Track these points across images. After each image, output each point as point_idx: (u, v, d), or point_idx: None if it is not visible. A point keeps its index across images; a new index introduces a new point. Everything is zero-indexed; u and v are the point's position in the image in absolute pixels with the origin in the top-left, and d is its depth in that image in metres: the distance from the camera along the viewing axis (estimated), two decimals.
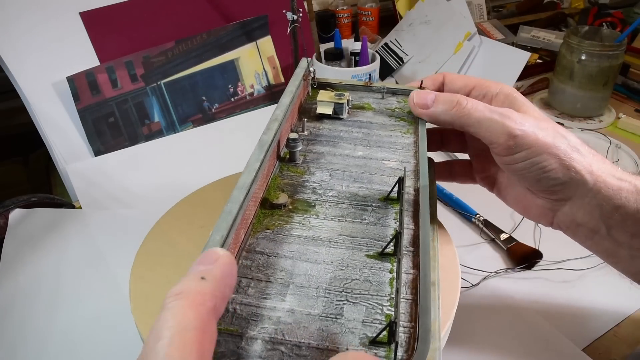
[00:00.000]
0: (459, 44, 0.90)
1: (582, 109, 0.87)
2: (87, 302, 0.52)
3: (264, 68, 0.85)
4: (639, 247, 0.38)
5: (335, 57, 0.84)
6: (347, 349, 0.24)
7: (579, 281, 0.54)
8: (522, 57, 0.84)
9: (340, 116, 0.44)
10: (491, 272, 0.54)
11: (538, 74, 0.95)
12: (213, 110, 0.82)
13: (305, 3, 0.86)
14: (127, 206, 0.66)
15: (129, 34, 0.77)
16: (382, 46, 1.01)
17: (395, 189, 0.34)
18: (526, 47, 0.99)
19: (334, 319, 0.25)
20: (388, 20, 1.12)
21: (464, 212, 0.63)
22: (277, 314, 0.26)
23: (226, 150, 0.74)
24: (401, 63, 0.97)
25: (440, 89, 0.45)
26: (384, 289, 0.27)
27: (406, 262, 0.29)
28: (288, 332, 0.25)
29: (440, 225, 0.41)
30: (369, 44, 0.85)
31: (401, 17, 1.04)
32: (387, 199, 0.34)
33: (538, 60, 0.98)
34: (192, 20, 0.81)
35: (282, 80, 0.87)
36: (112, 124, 0.74)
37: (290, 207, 0.33)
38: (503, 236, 0.58)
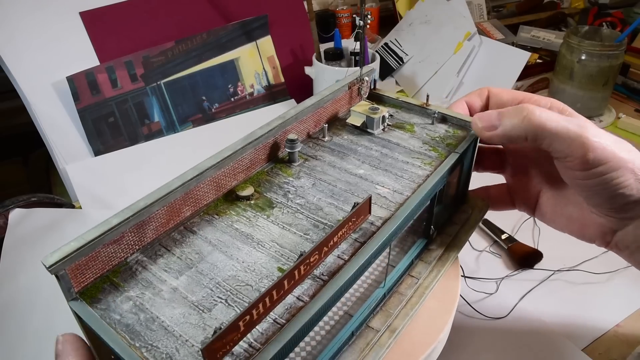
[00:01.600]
0: (459, 44, 0.90)
1: (582, 109, 0.86)
2: None
3: (264, 68, 0.85)
4: None
5: (335, 57, 0.84)
6: (186, 340, 0.25)
7: (579, 281, 0.54)
8: (522, 57, 0.84)
9: (370, 131, 0.41)
10: (498, 278, 0.54)
11: (538, 74, 0.95)
12: (213, 110, 0.82)
13: (305, 3, 0.86)
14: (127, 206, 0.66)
15: (129, 34, 0.77)
16: (382, 46, 1.01)
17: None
18: (526, 47, 0.99)
19: (200, 311, 0.26)
20: (388, 20, 1.12)
21: None
22: (161, 287, 0.27)
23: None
24: (401, 63, 0.97)
25: (487, 104, 0.43)
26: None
27: (306, 288, 0.27)
28: (157, 305, 0.26)
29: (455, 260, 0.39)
30: (369, 43, 0.85)
31: (401, 17, 1.04)
32: None
33: (538, 60, 0.98)
34: (192, 20, 0.81)
35: (282, 80, 0.87)
36: (112, 124, 0.74)
37: (251, 202, 0.33)
38: (503, 236, 0.58)
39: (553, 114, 0.35)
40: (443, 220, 0.41)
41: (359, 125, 0.41)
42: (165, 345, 0.24)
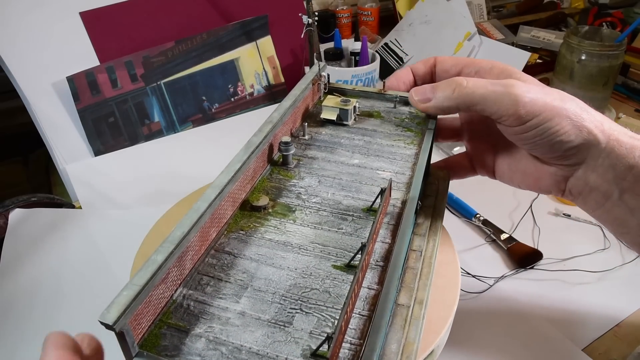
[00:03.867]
0: (459, 44, 0.90)
1: None
2: (87, 302, 0.52)
3: (264, 68, 0.85)
4: None
5: (335, 57, 0.84)
6: (285, 359, 0.23)
7: (579, 281, 0.54)
8: (522, 57, 0.84)
9: (345, 122, 0.43)
10: (496, 277, 0.54)
11: (538, 74, 0.95)
12: (213, 110, 0.82)
13: (305, 3, 0.86)
14: (127, 206, 0.66)
15: (129, 34, 0.77)
16: (382, 46, 1.01)
17: (378, 200, 0.33)
18: (526, 47, 0.99)
19: (282, 327, 0.25)
20: (388, 20, 1.12)
21: (464, 212, 0.63)
22: (227, 315, 0.26)
23: (226, 150, 0.74)
24: (401, 63, 0.97)
25: (433, 71, 0.45)
26: (341, 301, 0.27)
27: (371, 277, 0.28)
28: (233, 334, 0.25)
29: (443, 229, 0.40)
30: (369, 44, 0.85)
31: (401, 17, 1.04)
32: (369, 210, 0.33)
33: (538, 60, 0.98)
34: (192, 20, 0.81)
35: (282, 80, 0.87)
36: (112, 124, 0.74)
37: (270, 210, 0.33)
38: (503, 236, 0.58)
39: (480, 81, 0.37)
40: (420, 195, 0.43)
41: (334, 119, 0.42)
42: None
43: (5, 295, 0.53)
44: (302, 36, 0.68)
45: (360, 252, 0.27)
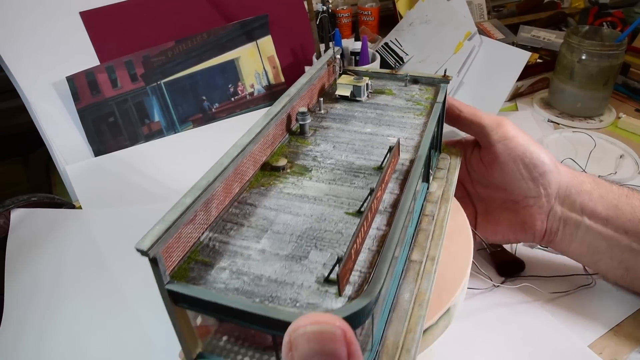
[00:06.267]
0: (459, 44, 0.90)
1: (582, 109, 0.87)
2: (87, 302, 0.52)
3: (264, 68, 0.85)
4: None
5: None
6: (301, 284, 0.26)
7: (578, 282, 0.54)
8: (523, 57, 0.84)
9: (358, 98, 0.46)
10: (494, 285, 0.54)
11: (538, 74, 0.95)
12: (213, 110, 0.82)
13: (305, 3, 0.86)
14: (127, 206, 0.66)
15: (129, 33, 0.77)
16: (382, 46, 1.01)
17: (388, 156, 0.36)
18: (526, 46, 0.98)
19: (298, 260, 0.28)
20: (388, 20, 1.12)
21: None
22: (249, 252, 0.29)
23: (226, 150, 0.74)
24: (401, 63, 0.97)
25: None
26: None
27: (380, 220, 0.31)
28: (254, 266, 0.27)
29: (454, 201, 0.44)
30: (369, 43, 0.85)
31: (401, 17, 1.04)
32: (380, 168, 0.36)
33: (538, 60, 0.98)
34: (192, 20, 0.81)
35: (282, 80, 0.87)
36: (112, 124, 0.74)
37: (288, 171, 0.36)
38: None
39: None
40: (433, 166, 0.47)
41: (347, 95, 0.45)
42: (284, 293, 0.26)
43: (6, 295, 0.53)
44: (317, 22, 0.69)
45: (369, 196, 0.30)
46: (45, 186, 0.78)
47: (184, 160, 0.74)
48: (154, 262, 0.24)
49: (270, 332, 0.25)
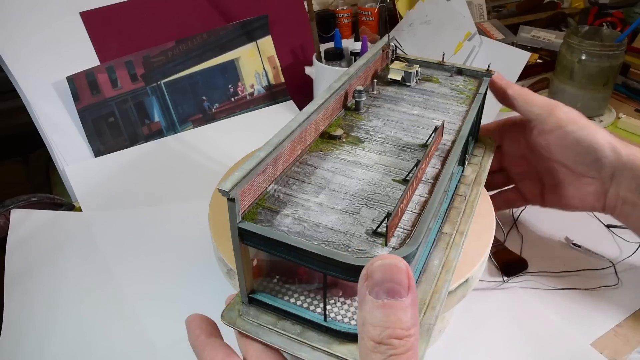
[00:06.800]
0: (459, 44, 0.90)
1: (582, 109, 0.85)
2: (87, 302, 0.52)
3: (264, 68, 0.85)
4: None
5: (335, 57, 0.84)
6: (353, 234, 0.30)
7: (578, 282, 0.54)
8: (522, 57, 0.84)
9: (408, 83, 0.50)
10: (495, 282, 0.54)
11: (538, 74, 0.95)
12: (213, 110, 0.82)
13: (305, 3, 0.86)
14: (127, 206, 0.65)
15: (129, 34, 0.77)
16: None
17: (433, 135, 0.40)
18: (526, 47, 0.98)
19: (351, 214, 0.32)
20: (388, 20, 1.12)
21: None
22: (309, 204, 0.33)
23: (226, 150, 0.74)
24: None
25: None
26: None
27: (422, 189, 0.35)
28: (313, 216, 0.32)
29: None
30: (369, 43, 0.85)
31: (401, 17, 1.04)
32: (425, 146, 0.40)
33: (538, 60, 0.98)
34: (192, 20, 0.81)
35: (282, 80, 0.87)
36: (112, 124, 0.74)
37: (343, 140, 0.41)
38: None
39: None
40: (469, 150, 0.50)
41: (399, 79, 0.50)
42: (338, 239, 0.30)
43: (7, 295, 0.53)
44: (376, 10, 0.82)
45: (415, 166, 0.35)
46: (45, 186, 0.78)
47: (184, 160, 0.74)
48: (232, 201, 0.28)
49: (323, 271, 0.28)
